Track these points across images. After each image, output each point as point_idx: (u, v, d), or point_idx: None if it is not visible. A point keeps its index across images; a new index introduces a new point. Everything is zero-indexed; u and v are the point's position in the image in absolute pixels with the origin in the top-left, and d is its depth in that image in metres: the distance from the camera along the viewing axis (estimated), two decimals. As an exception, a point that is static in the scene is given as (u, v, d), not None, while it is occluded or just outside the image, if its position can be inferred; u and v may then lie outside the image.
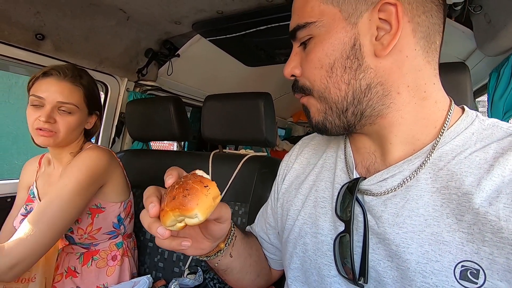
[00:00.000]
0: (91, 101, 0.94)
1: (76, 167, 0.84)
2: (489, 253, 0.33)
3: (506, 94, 0.94)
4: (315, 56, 0.44)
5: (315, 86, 0.45)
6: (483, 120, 0.43)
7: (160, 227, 0.37)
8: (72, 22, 1.13)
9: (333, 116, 0.45)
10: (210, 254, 0.51)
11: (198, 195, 0.35)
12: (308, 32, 0.44)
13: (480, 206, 0.35)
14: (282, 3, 1.17)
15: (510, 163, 0.36)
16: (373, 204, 0.44)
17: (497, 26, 0.90)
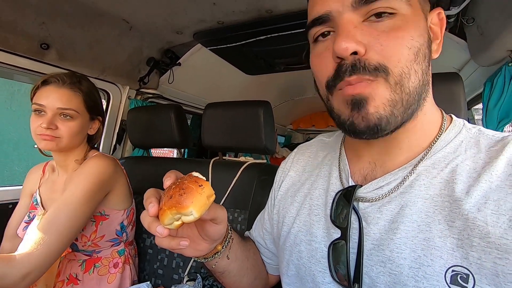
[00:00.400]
0: (91, 106, 0.96)
1: (83, 175, 0.86)
2: (478, 258, 0.34)
3: (500, 103, 0.96)
4: (407, 35, 0.38)
5: (397, 68, 0.38)
6: (469, 128, 0.45)
7: (159, 226, 0.39)
8: (76, 31, 1.16)
9: (399, 112, 0.39)
10: (208, 256, 0.52)
11: (193, 193, 0.38)
12: (396, 5, 0.38)
13: (469, 212, 0.36)
14: (280, 14, 1.20)
15: (496, 169, 0.37)
16: (369, 210, 0.45)
17: (489, 37, 0.93)
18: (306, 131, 4.44)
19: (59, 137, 0.88)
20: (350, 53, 0.38)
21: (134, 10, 1.16)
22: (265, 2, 1.11)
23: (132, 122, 1.42)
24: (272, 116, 1.15)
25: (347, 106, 0.40)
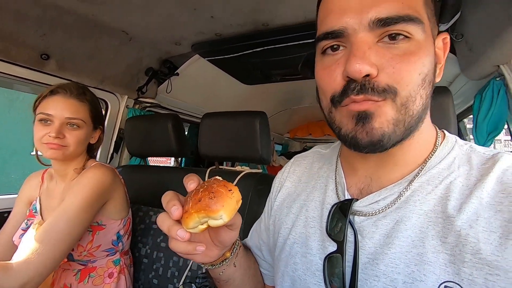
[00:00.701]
0: (96, 116, 0.99)
1: (82, 185, 0.87)
2: (469, 274, 0.35)
3: (489, 116, 0.99)
4: (419, 59, 0.38)
5: (405, 91, 0.38)
6: (461, 145, 0.46)
7: (180, 230, 0.38)
8: (77, 42, 1.19)
9: (400, 131, 0.40)
10: (216, 263, 0.52)
11: (223, 197, 0.38)
12: (412, 31, 0.38)
13: (462, 228, 0.37)
14: (277, 28, 1.23)
15: (487, 187, 0.38)
16: (364, 224, 0.45)
17: (478, 52, 0.96)
18: (303, 140, 4.47)
19: (66, 146, 0.90)
20: (362, 76, 0.38)
21: (133, 22, 1.19)
22: (261, 15, 1.15)
23: (130, 131, 1.43)
24: (268, 126, 1.17)
25: (351, 120, 0.41)
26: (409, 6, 0.38)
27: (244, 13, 1.12)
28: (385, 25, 0.37)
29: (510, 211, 0.36)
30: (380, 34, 0.38)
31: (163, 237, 1.15)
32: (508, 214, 0.36)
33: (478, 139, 1.06)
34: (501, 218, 0.36)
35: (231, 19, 1.17)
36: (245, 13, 1.12)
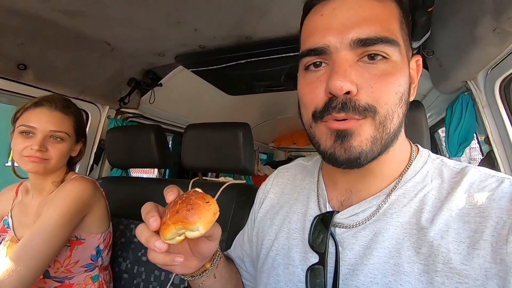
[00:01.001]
0: (79, 128, 0.98)
1: (61, 198, 0.85)
2: (441, 283, 0.37)
3: (459, 128, 1.05)
4: (396, 80, 0.40)
5: (383, 110, 0.40)
6: (433, 159, 0.49)
7: (158, 241, 0.39)
8: (56, 53, 1.16)
9: (377, 149, 0.41)
10: (196, 274, 0.52)
11: (200, 210, 0.38)
12: (390, 52, 0.40)
13: (434, 239, 0.39)
14: (260, 41, 1.26)
15: (456, 199, 0.41)
16: (345, 236, 0.47)
17: (447, 68, 1.02)
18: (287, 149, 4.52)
19: (48, 159, 0.88)
20: (344, 92, 0.39)
21: (116, 33, 1.18)
22: (244, 29, 1.17)
23: (111, 142, 1.40)
24: (251, 138, 1.18)
25: (330, 136, 0.42)
26: (387, 29, 0.40)
27: (227, 26, 1.14)
28: (365, 45, 0.39)
29: (476, 222, 0.38)
30: (360, 53, 0.40)
31: (144, 251, 1.12)
32: (475, 225, 0.38)
33: (450, 150, 1.12)
34: (468, 228, 0.38)
35: (215, 32, 1.19)
36: (228, 27, 1.15)
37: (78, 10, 0.98)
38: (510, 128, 0.88)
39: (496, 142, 0.94)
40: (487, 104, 0.95)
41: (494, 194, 0.39)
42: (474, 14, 0.72)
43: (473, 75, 0.95)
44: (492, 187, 0.40)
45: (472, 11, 0.72)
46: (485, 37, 0.73)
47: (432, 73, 1.21)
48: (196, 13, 1.03)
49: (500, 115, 0.90)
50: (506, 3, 0.60)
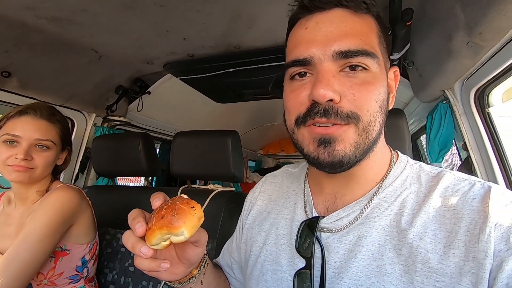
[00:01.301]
0: (65, 137, 0.97)
1: (46, 208, 0.83)
2: (421, 282, 0.39)
3: (439, 135, 1.10)
4: (375, 89, 0.43)
5: (366, 117, 0.43)
6: (412, 164, 0.52)
7: (144, 247, 0.39)
8: (42, 60, 1.15)
9: (359, 153, 0.44)
10: (183, 281, 0.52)
11: (185, 214, 0.39)
12: (369, 64, 0.43)
13: (413, 241, 0.42)
14: (248, 50, 1.29)
15: (433, 201, 0.44)
16: (330, 240, 0.49)
17: (426, 78, 1.08)
18: (275, 156, 4.55)
19: (34, 168, 0.87)
20: (326, 100, 0.42)
21: (104, 41, 1.18)
22: (233, 38, 1.20)
23: (97, 150, 1.38)
24: (240, 145, 1.19)
25: (312, 141, 0.44)
26: (367, 42, 0.43)
27: (216, 36, 1.16)
28: (346, 57, 0.42)
29: (451, 223, 0.41)
30: (342, 64, 0.43)
31: (131, 261, 1.10)
32: (450, 225, 0.41)
33: (431, 156, 1.17)
34: (444, 229, 0.41)
35: (204, 41, 1.21)
36: (217, 36, 1.17)
37: (66, 18, 0.98)
38: (485, 134, 0.93)
39: (473, 148, 0.99)
40: (464, 112, 1.01)
41: (466, 196, 0.42)
42: (449, 28, 0.77)
43: (450, 85, 1.01)
44: (465, 190, 0.43)
45: (447, 26, 0.77)
46: (459, 50, 0.78)
47: (412, 83, 1.26)
48: (185, 22, 1.04)
49: (476, 123, 0.95)
50: (476, 20, 0.64)
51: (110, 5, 0.91)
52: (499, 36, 0.67)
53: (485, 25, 0.64)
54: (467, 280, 0.37)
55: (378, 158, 0.49)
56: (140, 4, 0.92)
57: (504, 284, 0.34)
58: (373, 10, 0.45)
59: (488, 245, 0.36)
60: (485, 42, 0.70)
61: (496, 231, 0.37)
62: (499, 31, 0.65)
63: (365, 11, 0.44)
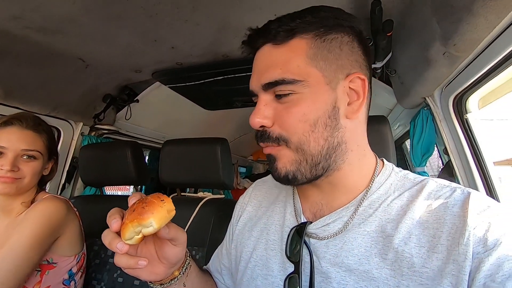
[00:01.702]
0: (51, 146, 0.96)
1: (32, 220, 0.81)
2: (406, 286, 0.41)
3: (421, 140, 1.14)
4: (299, 110, 0.46)
5: (295, 138, 0.46)
6: (397, 172, 0.53)
7: (119, 243, 0.41)
8: (27, 70, 1.13)
9: (306, 168, 0.47)
10: (164, 282, 0.52)
11: (154, 206, 0.41)
12: (293, 88, 0.46)
13: (398, 245, 0.43)
14: (236, 59, 1.31)
15: (416, 208, 0.45)
16: (317, 246, 0.50)
17: (408, 86, 1.12)
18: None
19: (21, 178, 0.86)
20: (258, 126, 0.48)
21: (91, 50, 1.18)
22: (221, 47, 1.21)
23: (85, 160, 1.37)
24: (229, 152, 1.20)
25: (267, 159, 0.51)
26: (286, 70, 0.46)
27: (204, 44, 1.17)
28: (270, 87, 0.47)
29: (434, 228, 0.43)
30: (273, 93, 0.48)
31: (120, 272, 1.09)
32: (433, 230, 0.43)
33: (414, 160, 1.21)
34: (427, 234, 0.43)
35: (192, 50, 1.22)
36: (205, 45, 1.18)
37: (52, 28, 0.98)
38: (463, 139, 0.97)
39: (453, 152, 1.03)
40: (444, 118, 1.05)
41: (448, 202, 0.44)
42: (426, 39, 0.81)
43: (430, 92, 1.05)
44: (446, 196, 0.45)
45: (425, 37, 0.81)
46: (437, 60, 0.82)
47: (395, 90, 1.31)
48: (173, 32, 1.05)
49: (455, 128, 0.99)
50: (450, 32, 0.68)
51: (97, 15, 0.92)
52: (472, 47, 0.71)
53: (458, 37, 0.68)
54: (447, 281, 0.38)
55: (356, 167, 0.51)
56: (128, 14, 0.92)
57: (482, 284, 0.36)
58: (306, 31, 0.47)
59: (467, 248, 0.38)
60: (459, 52, 0.74)
61: (474, 235, 0.39)
62: (471, 42, 0.69)
63: (288, 38, 0.47)
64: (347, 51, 0.48)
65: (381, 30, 0.92)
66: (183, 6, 0.90)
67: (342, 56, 0.48)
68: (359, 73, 0.48)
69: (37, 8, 0.87)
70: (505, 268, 0.36)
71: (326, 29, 0.47)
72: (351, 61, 0.48)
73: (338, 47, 0.47)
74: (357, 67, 0.49)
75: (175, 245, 0.48)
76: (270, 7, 0.90)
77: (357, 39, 0.50)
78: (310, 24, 0.47)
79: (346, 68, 0.48)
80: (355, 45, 0.49)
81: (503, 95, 0.86)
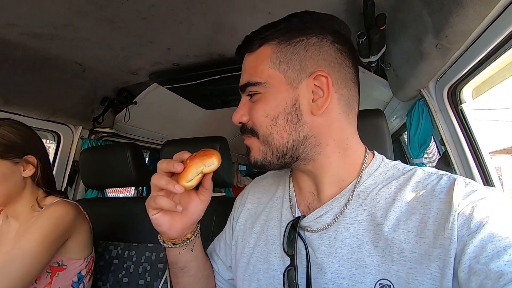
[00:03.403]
0: (6, 149, 0.85)
1: (41, 223, 0.81)
2: (396, 271, 0.43)
3: (418, 132, 1.15)
4: (261, 107, 0.52)
5: (261, 131, 0.53)
6: (387, 163, 0.55)
7: (177, 184, 0.49)
8: (25, 76, 1.14)
9: (272, 157, 0.53)
10: (177, 241, 0.58)
11: (212, 152, 0.51)
12: (257, 89, 0.52)
13: (388, 233, 0.45)
14: (232, 58, 1.32)
15: (404, 196, 0.47)
16: (312, 238, 0.52)
17: (403, 79, 1.13)
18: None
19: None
20: (237, 123, 0.57)
21: (87, 54, 1.19)
22: (216, 47, 1.22)
23: (86, 163, 1.37)
24: (229, 151, 1.21)
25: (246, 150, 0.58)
26: (253, 74, 0.53)
27: (199, 45, 1.18)
28: (244, 89, 0.55)
29: (421, 214, 0.44)
30: (248, 93, 0.55)
31: (124, 272, 1.10)
32: (420, 216, 0.44)
33: (412, 152, 1.22)
34: (415, 219, 0.44)
35: (188, 51, 1.23)
36: (200, 45, 1.19)
37: (48, 33, 0.98)
38: (459, 129, 0.99)
39: (449, 142, 1.05)
40: (439, 109, 1.06)
41: (434, 190, 0.46)
42: (419, 32, 0.82)
43: (425, 84, 1.06)
44: (433, 183, 0.47)
45: (417, 30, 0.82)
46: (429, 52, 0.83)
47: (391, 83, 1.32)
48: (168, 33, 1.06)
49: (450, 119, 1.01)
50: (441, 24, 0.69)
51: (92, 19, 0.93)
52: (463, 38, 0.72)
53: (450, 29, 0.69)
54: (435, 265, 0.40)
55: (336, 160, 0.54)
56: (123, 17, 0.93)
57: (467, 266, 0.38)
58: (273, 38, 0.53)
59: (452, 232, 0.40)
60: (451, 44, 0.75)
61: (459, 219, 0.41)
62: (462, 34, 0.70)
63: (257, 46, 0.54)
64: (314, 51, 0.51)
65: (374, 25, 0.93)
66: (177, 8, 0.90)
67: (307, 57, 0.51)
68: (322, 71, 0.51)
69: (32, 15, 0.88)
70: (488, 250, 0.37)
71: (292, 34, 0.52)
72: (317, 60, 0.51)
73: (303, 48, 0.51)
74: (324, 65, 0.51)
75: (201, 201, 0.56)
76: (264, 5, 0.91)
77: (330, 38, 0.53)
78: (279, 31, 0.53)
79: (310, 67, 0.51)
80: (324, 45, 0.52)
81: (495, 85, 0.87)
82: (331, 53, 0.52)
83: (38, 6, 0.84)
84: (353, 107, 0.55)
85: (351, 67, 0.54)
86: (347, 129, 0.54)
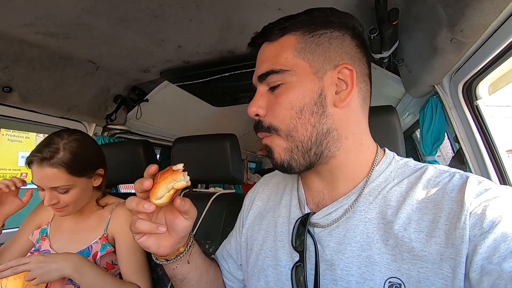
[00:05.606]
0: (81, 170, 0.91)
1: (124, 224, 0.97)
2: (407, 269, 0.42)
3: (431, 129, 1.13)
4: (286, 98, 0.50)
5: (283, 125, 0.50)
6: (397, 160, 0.54)
7: (147, 203, 0.45)
8: (41, 74, 1.18)
9: (298, 155, 0.50)
10: (170, 258, 0.56)
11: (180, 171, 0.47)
12: (281, 78, 0.50)
13: (399, 231, 0.45)
14: (242, 54, 1.32)
15: (416, 195, 0.46)
16: (321, 235, 0.52)
17: (416, 75, 1.11)
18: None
19: (66, 206, 0.91)
20: (253, 115, 0.53)
21: (100, 52, 1.21)
22: (226, 44, 1.23)
23: (99, 159, 1.41)
24: (239, 148, 1.22)
25: (265, 149, 0.55)
26: (275, 62, 0.51)
27: (210, 42, 1.19)
28: (264, 78, 0.52)
29: (433, 213, 0.44)
30: (267, 85, 0.52)
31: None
32: (432, 215, 0.44)
33: (425, 150, 1.19)
34: (426, 219, 0.44)
35: (198, 48, 1.24)
36: (211, 43, 1.19)
37: (62, 32, 1.01)
38: (474, 126, 0.96)
39: (464, 139, 1.02)
40: (453, 105, 1.03)
41: (446, 188, 0.45)
42: (433, 26, 0.80)
43: (438, 80, 1.04)
44: (445, 182, 0.46)
45: (431, 24, 0.80)
46: (444, 47, 0.81)
47: (403, 79, 1.29)
48: (179, 31, 1.07)
49: (465, 115, 0.98)
50: (457, 18, 0.67)
51: (105, 18, 0.94)
52: (479, 32, 0.70)
53: (465, 23, 0.67)
54: (447, 265, 0.40)
55: (353, 155, 0.53)
56: (134, 16, 0.95)
57: (479, 266, 0.37)
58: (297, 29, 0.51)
59: (464, 232, 0.39)
60: (467, 38, 0.73)
61: (470, 218, 0.40)
62: (478, 28, 0.68)
63: (279, 35, 0.52)
64: (337, 44, 0.51)
65: (386, 19, 0.91)
66: (187, 5, 0.91)
67: (330, 49, 0.51)
68: (347, 64, 0.50)
69: (48, 15, 0.90)
70: (501, 250, 0.36)
71: (316, 26, 0.51)
72: (340, 53, 0.51)
73: (327, 41, 0.51)
74: (347, 59, 0.51)
75: (186, 218, 0.52)
76: (274, 1, 0.91)
77: (350, 34, 0.52)
78: (301, 22, 0.51)
79: (335, 60, 0.51)
80: (346, 39, 0.52)
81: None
82: (352, 48, 0.52)
83: (53, 7, 0.86)
84: (367, 102, 0.55)
85: (366, 63, 0.54)
86: (363, 123, 0.54)
